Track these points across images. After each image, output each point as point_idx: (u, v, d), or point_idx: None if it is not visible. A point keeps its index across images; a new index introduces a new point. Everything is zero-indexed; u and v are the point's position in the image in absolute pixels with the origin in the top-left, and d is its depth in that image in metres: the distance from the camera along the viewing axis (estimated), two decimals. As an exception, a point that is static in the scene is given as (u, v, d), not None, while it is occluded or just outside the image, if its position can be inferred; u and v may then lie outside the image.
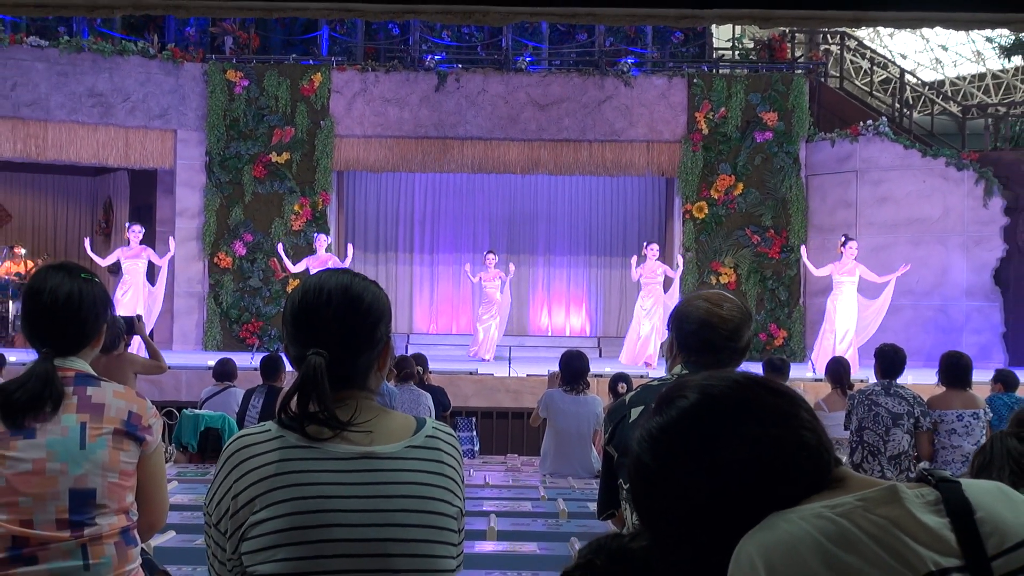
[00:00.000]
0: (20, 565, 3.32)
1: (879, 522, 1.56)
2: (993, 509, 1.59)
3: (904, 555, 1.53)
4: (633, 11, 8.42)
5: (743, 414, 1.69)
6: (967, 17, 8.33)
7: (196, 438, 10.76)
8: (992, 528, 1.56)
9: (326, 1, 8.13)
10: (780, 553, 1.56)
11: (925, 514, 1.57)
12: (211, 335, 20.91)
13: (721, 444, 1.67)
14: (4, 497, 3.34)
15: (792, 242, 21.28)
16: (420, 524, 2.51)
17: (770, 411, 1.69)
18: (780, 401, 1.72)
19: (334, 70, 21.46)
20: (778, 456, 1.65)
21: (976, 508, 1.58)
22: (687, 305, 3.81)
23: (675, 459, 1.72)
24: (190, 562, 4.51)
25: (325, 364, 2.54)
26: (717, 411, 1.70)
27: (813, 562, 1.53)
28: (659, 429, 1.75)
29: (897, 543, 1.54)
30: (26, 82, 20.02)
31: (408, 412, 2.70)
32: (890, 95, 26.43)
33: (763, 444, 1.66)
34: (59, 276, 3.56)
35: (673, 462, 1.72)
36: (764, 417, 1.68)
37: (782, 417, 1.69)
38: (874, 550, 1.53)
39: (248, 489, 2.50)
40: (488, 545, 5.45)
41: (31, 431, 3.37)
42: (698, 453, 1.68)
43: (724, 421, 1.69)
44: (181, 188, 21.12)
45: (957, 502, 1.58)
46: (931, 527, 1.56)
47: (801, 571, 1.54)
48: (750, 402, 1.71)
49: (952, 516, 1.57)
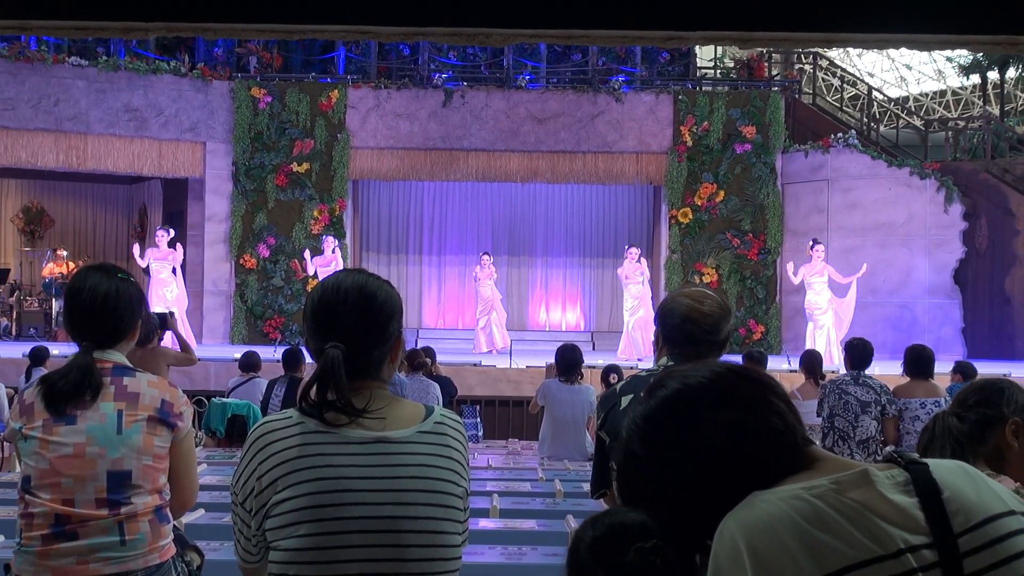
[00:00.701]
0: (62, 540, 3.32)
1: (851, 503, 1.56)
2: (958, 489, 1.59)
3: (875, 533, 1.53)
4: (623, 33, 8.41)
5: (716, 401, 1.70)
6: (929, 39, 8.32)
7: (223, 424, 10.75)
8: (958, 507, 1.56)
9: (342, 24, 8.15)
10: (759, 531, 1.56)
11: (895, 494, 1.58)
12: (237, 330, 20.92)
13: (696, 429, 1.69)
14: (48, 478, 3.35)
15: (769, 245, 21.35)
16: (429, 503, 2.51)
17: (741, 398, 1.71)
18: (751, 387, 1.73)
19: (350, 87, 21.48)
20: (747, 439, 1.66)
21: (943, 488, 1.58)
22: (671, 302, 3.81)
23: (656, 444, 1.73)
24: (218, 538, 4.50)
25: (342, 356, 2.55)
26: (693, 399, 1.72)
27: (790, 540, 1.53)
28: (642, 418, 1.77)
29: (868, 522, 1.54)
30: (68, 98, 20.02)
31: (418, 400, 2.71)
32: (858, 110, 26.39)
33: (733, 428, 1.67)
34: (98, 276, 3.57)
35: (655, 447, 1.74)
36: (735, 404, 1.70)
37: (752, 403, 1.70)
38: (847, 529, 1.53)
39: (271, 471, 2.51)
40: (491, 522, 5.45)
41: (72, 418, 3.37)
42: (676, 438, 1.70)
43: (699, 408, 1.71)
44: (210, 195, 21.13)
45: (925, 483, 1.59)
46: (901, 506, 1.56)
47: (779, 548, 1.54)
48: (723, 390, 1.72)
49: (921, 496, 1.57)
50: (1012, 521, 1.58)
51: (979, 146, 22.94)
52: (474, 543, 3.75)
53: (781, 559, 1.53)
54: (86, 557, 3.33)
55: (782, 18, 8.08)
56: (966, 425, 2.83)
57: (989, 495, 1.60)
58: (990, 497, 1.60)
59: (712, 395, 1.72)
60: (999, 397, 2.82)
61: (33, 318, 19.70)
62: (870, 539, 1.53)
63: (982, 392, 2.86)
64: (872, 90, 27.06)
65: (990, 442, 2.79)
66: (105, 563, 3.33)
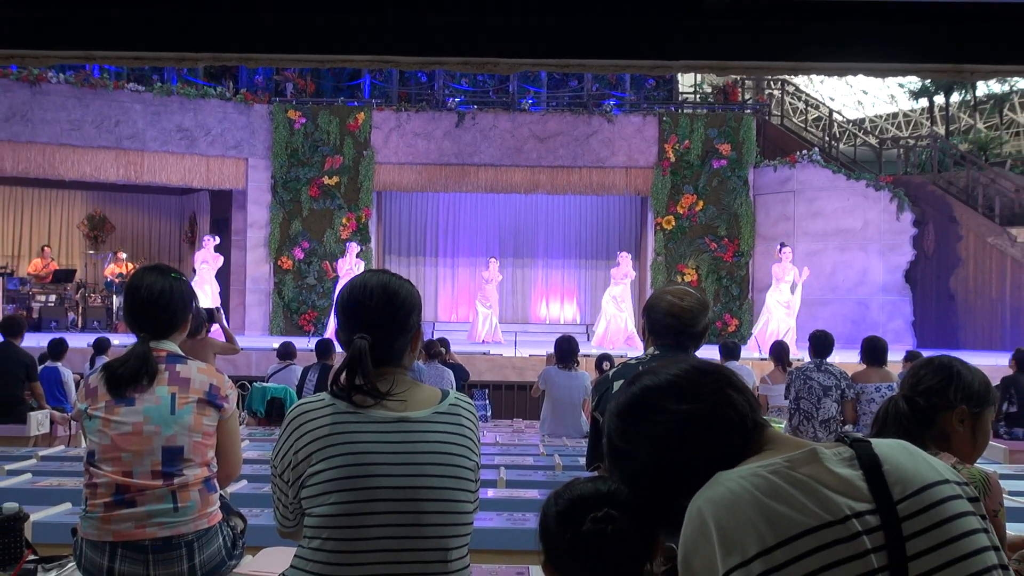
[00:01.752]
0: (122, 507, 3.33)
1: (802, 477, 1.58)
2: (897, 462, 1.61)
3: (824, 502, 1.55)
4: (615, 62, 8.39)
5: (676, 396, 1.75)
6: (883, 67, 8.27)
7: (264, 406, 10.76)
8: (897, 478, 1.58)
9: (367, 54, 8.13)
10: (723, 506, 1.58)
11: (841, 468, 1.60)
12: (275, 323, 20.95)
13: (657, 421, 1.74)
14: (109, 453, 3.36)
15: (742, 248, 21.40)
16: (444, 475, 2.51)
17: (698, 391, 1.75)
18: (709, 381, 1.77)
19: (374, 110, 21.50)
20: (701, 427, 1.71)
21: (883, 461, 1.60)
22: (656, 298, 3.81)
23: (627, 435, 1.80)
24: (259, 505, 4.50)
25: (368, 346, 2.56)
26: (657, 394, 1.77)
27: (752, 513, 1.55)
28: (615, 414, 1.85)
29: (818, 493, 1.56)
30: (126, 120, 20.05)
31: (434, 385, 2.70)
32: (821, 130, 26.36)
33: (689, 418, 1.72)
34: (153, 275, 3.58)
35: (627, 437, 1.80)
36: (692, 397, 1.74)
37: (708, 396, 1.74)
38: (799, 499, 1.55)
39: (306, 447, 2.51)
40: (498, 492, 5.44)
41: (131, 400, 3.38)
42: (642, 428, 1.77)
43: (661, 402, 1.76)
44: (251, 205, 21.14)
45: (867, 457, 1.61)
46: (846, 478, 1.58)
47: (741, 519, 1.56)
48: (683, 385, 1.77)
49: (864, 469, 1.60)
50: (945, 488, 1.59)
51: (927, 162, 22.95)
52: (483, 510, 3.75)
53: (744, 529, 1.55)
54: (143, 522, 3.34)
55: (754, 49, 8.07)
56: (916, 411, 2.83)
57: (925, 466, 1.62)
58: (925, 468, 1.62)
59: (673, 390, 1.76)
60: (948, 385, 2.81)
61: (96, 313, 19.70)
62: (820, 507, 1.55)
63: (935, 377, 2.85)
64: (832, 112, 27.04)
65: (937, 425, 2.79)
66: (160, 527, 3.34)
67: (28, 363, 9.78)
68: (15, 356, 9.71)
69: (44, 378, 10.15)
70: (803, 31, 8.52)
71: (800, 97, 28.91)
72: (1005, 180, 21.50)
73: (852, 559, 1.51)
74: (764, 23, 8.50)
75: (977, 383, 2.83)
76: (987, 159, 23.67)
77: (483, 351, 16.36)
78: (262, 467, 5.88)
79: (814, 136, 25.39)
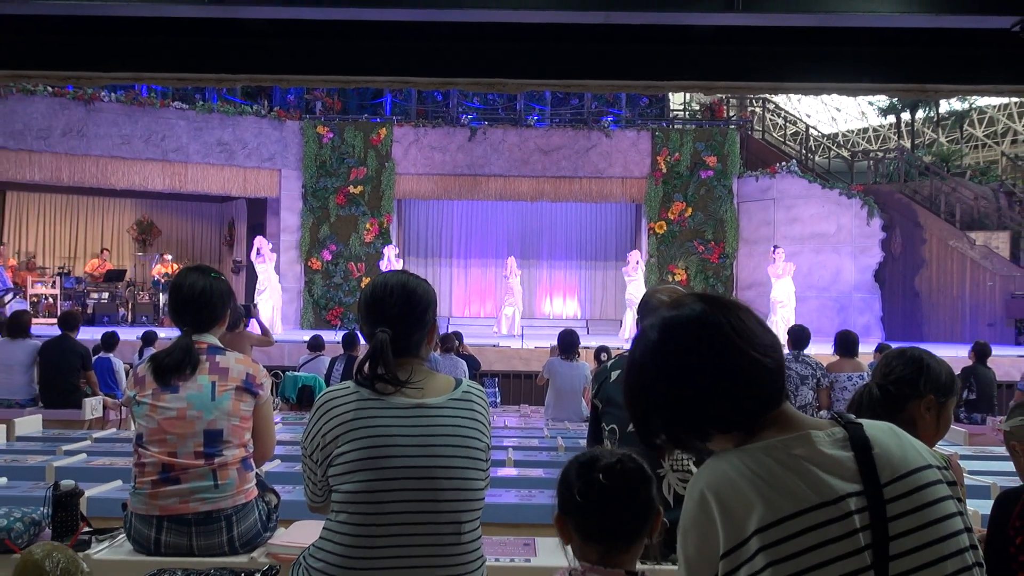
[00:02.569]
0: (168, 484, 3.34)
1: (794, 459, 1.55)
2: (886, 446, 1.58)
3: (817, 484, 1.52)
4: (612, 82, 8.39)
5: (744, 335, 1.62)
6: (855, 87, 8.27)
7: (295, 393, 10.76)
8: (885, 462, 1.56)
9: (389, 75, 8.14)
10: (724, 484, 1.55)
11: (834, 450, 1.56)
12: (306, 317, 20.97)
13: (711, 342, 1.60)
14: (156, 435, 3.37)
15: (727, 251, 21.37)
16: (458, 456, 2.52)
17: (753, 340, 1.62)
18: (769, 339, 1.65)
19: (395, 126, 21.50)
20: (739, 369, 1.60)
21: (874, 445, 1.57)
22: (649, 296, 3.81)
23: (675, 342, 1.65)
24: (291, 483, 4.50)
25: (389, 339, 2.57)
26: (706, 326, 1.64)
27: (748, 491, 1.53)
28: (659, 329, 1.68)
29: (811, 474, 1.53)
30: (172, 134, 20.08)
31: (449, 374, 2.70)
32: (798, 143, 26.33)
33: (730, 356, 1.60)
34: (195, 275, 3.59)
35: (658, 357, 1.66)
36: (747, 341, 1.62)
37: (764, 349, 1.62)
38: (794, 480, 1.53)
39: (333, 430, 2.52)
40: (507, 471, 5.44)
41: (175, 387, 3.40)
42: (682, 354, 1.63)
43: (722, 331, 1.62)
44: (284, 212, 21.15)
45: (860, 439, 1.58)
46: (838, 459, 1.55)
47: (740, 497, 1.53)
48: (753, 330, 1.64)
49: (855, 451, 1.56)
50: (929, 473, 1.57)
51: (894, 172, 22.93)
52: (494, 488, 3.76)
53: (744, 506, 1.53)
54: (187, 498, 3.35)
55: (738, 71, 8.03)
56: (888, 398, 2.82)
57: (912, 451, 1.60)
58: (912, 453, 1.59)
59: (743, 330, 1.63)
60: (919, 376, 2.80)
61: (144, 308, 19.73)
62: (812, 489, 1.52)
63: (906, 368, 2.83)
64: (809, 127, 27.03)
65: (906, 412, 2.77)
66: (202, 502, 3.36)
67: (83, 354, 9.81)
68: (72, 348, 9.74)
69: (97, 368, 10.17)
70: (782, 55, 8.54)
71: (780, 114, 28.88)
72: (965, 189, 21.55)
73: (843, 537, 1.49)
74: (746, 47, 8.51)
75: (944, 375, 2.83)
76: (949, 170, 23.63)
77: (493, 343, 16.35)
78: (294, 448, 5.89)
79: (792, 149, 25.38)
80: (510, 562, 3.34)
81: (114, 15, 7.12)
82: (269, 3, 6.84)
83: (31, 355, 9.68)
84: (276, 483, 4.05)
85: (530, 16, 6.76)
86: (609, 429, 3.62)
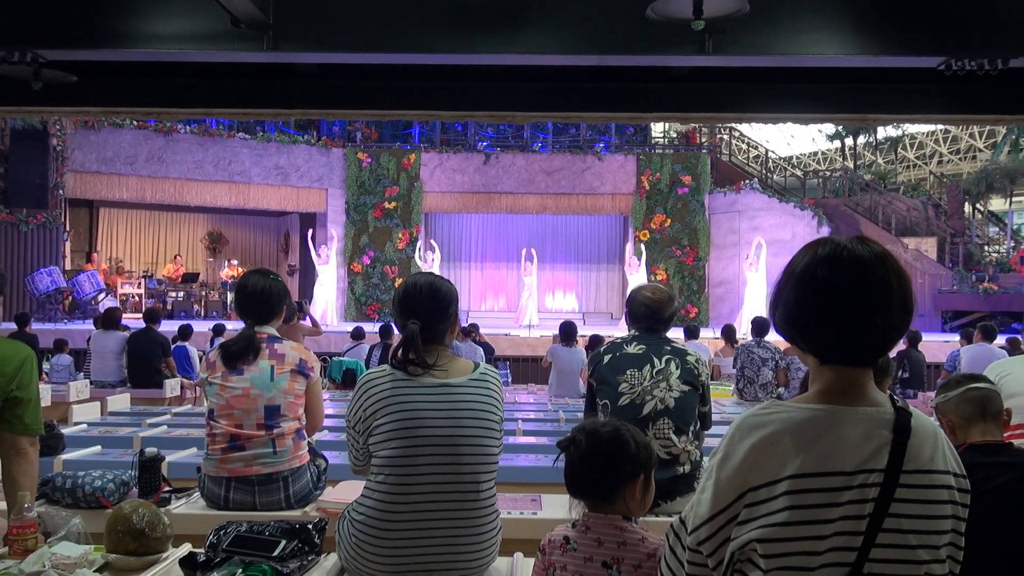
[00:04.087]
0: (235, 451, 3.37)
1: (839, 428, 1.51)
2: (921, 441, 1.53)
3: (849, 453, 1.49)
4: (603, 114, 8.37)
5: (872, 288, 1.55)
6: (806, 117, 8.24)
7: (340, 375, 10.79)
8: (916, 454, 1.51)
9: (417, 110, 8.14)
10: (774, 433, 1.52)
11: (876, 428, 1.52)
12: (349, 312, 20.99)
13: (831, 282, 1.56)
14: (225, 411, 3.40)
15: (700, 255, 21.35)
16: (476, 426, 2.52)
17: (872, 302, 1.53)
18: (895, 301, 1.54)
19: (422, 152, 21.50)
20: (852, 314, 1.54)
21: (913, 436, 1.52)
22: (635, 293, 3.83)
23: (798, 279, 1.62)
24: (337, 450, 4.52)
25: (419, 329, 2.57)
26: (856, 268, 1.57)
27: (791, 443, 1.50)
28: (820, 260, 1.62)
29: (847, 444, 1.50)
30: (236, 160, 20.14)
31: (468, 359, 2.71)
32: (759, 164, 26.26)
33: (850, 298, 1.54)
34: (257, 276, 3.61)
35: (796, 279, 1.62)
36: (877, 292, 1.54)
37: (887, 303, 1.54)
38: (832, 445, 1.49)
39: (372, 405, 2.52)
40: (517, 439, 5.45)
41: (241, 370, 3.42)
42: (827, 278, 1.57)
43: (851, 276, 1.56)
44: (330, 224, 21.17)
45: (903, 426, 1.52)
46: (876, 437, 1.51)
47: (783, 447, 1.50)
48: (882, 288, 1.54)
49: (895, 433, 1.50)
50: (945, 478, 1.53)
51: (840, 188, 22.91)
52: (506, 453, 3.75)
53: (784, 453, 1.50)
54: (250, 462, 3.37)
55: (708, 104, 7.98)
56: None
57: (940, 455, 1.55)
58: (940, 457, 1.54)
59: (875, 287, 1.54)
60: None
61: (214, 305, 19.77)
62: (845, 457, 1.49)
63: None
64: (768, 151, 26.93)
65: None
66: (263, 466, 3.37)
67: (164, 343, 9.85)
68: (154, 338, 9.79)
69: (176, 354, 10.21)
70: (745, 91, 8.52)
71: (743, 140, 28.79)
72: (899, 202, 21.53)
73: (854, 502, 1.47)
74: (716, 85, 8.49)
75: (884, 359, 2.81)
76: (885, 186, 23.69)
77: (505, 333, 16.37)
78: (339, 421, 5.90)
79: (754, 169, 25.32)
80: (520, 515, 3.34)
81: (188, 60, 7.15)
82: (317, 50, 6.85)
83: (121, 344, 9.73)
84: (324, 450, 4.06)
85: (535, 59, 6.77)
86: (602, 404, 3.63)
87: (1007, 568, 2.36)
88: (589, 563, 1.91)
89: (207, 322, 15.89)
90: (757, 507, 1.50)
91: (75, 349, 11.42)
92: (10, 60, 6.68)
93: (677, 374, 3.56)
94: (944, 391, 2.65)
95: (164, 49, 6.85)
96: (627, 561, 1.88)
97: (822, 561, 1.47)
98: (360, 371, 10.42)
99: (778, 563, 1.48)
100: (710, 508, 1.56)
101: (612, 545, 1.91)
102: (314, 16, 6.83)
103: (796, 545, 1.47)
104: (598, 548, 1.91)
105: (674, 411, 3.50)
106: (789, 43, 6.67)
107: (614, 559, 1.89)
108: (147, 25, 6.71)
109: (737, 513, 1.53)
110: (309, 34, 6.73)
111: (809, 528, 1.47)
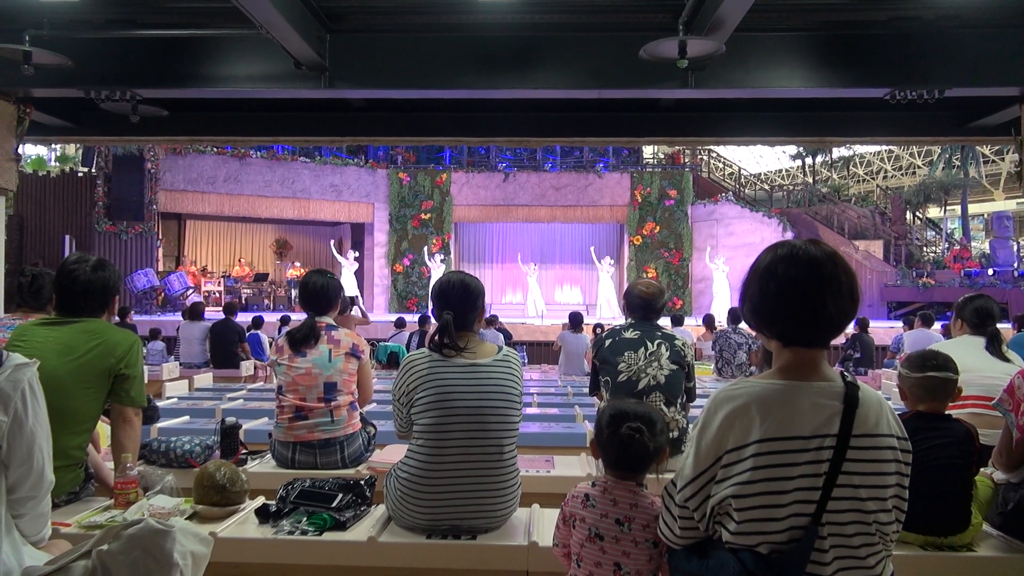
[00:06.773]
0: (299, 420, 3.37)
1: (799, 399, 1.51)
2: (867, 410, 1.53)
3: (807, 420, 1.50)
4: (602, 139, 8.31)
5: (828, 284, 1.52)
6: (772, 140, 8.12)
7: (385, 357, 10.79)
8: (862, 420, 1.51)
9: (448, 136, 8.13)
10: (743, 403, 1.52)
11: (829, 400, 1.52)
12: (392, 305, 21.00)
13: (787, 278, 1.54)
14: (291, 387, 3.39)
15: (684, 257, 21.19)
16: (500, 399, 2.50)
17: (823, 293, 1.52)
18: (847, 291, 1.53)
19: (452, 172, 21.45)
20: (803, 301, 1.52)
21: (860, 405, 1.52)
22: (632, 287, 3.80)
23: (762, 275, 1.58)
24: (384, 419, 4.52)
25: (452, 319, 2.56)
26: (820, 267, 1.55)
27: (757, 412, 1.50)
28: (781, 259, 1.58)
29: (805, 412, 1.50)
30: (298, 180, 20.17)
31: (492, 343, 2.69)
32: (734, 180, 26.07)
33: (803, 294, 1.52)
34: (316, 276, 3.60)
35: (760, 275, 1.59)
36: (831, 286, 1.52)
37: (834, 294, 1.52)
38: (792, 413, 1.50)
39: (413, 381, 2.52)
40: (533, 410, 5.43)
41: (304, 353, 3.41)
42: (778, 273, 1.55)
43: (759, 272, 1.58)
44: (376, 232, 21.19)
45: (852, 398, 1.52)
46: (829, 407, 1.51)
47: (750, 415, 1.51)
48: (826, 273, 1.53)
49: (845, 404, 1.51)
50: (889, 441, 1.53)
51: (801, 199, 22.75)
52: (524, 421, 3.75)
53: (752, 421, 1.50)
54: (312, 430, 3.37)
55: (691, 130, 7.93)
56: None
57: (884, 421, 1.55)
58: (884, 423, 1.54)
59: (829, 282, 1.52)
60: None
61: (281, 300, 19.84)
62: (803, 424, 1.49)
63: None
64: (740, 168, 26.73)
65: None
66: (323, 433, 3.37)
67: (240, 331, 9.90)
68: (232, 327, 9.84)
69: (250, 341, 10.26)
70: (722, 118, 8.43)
71: (720, 159, 28.58)
72: (851, 211, 21.36)
73: (811, 463, 1.47)
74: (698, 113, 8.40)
75: None
76: (839, 197, 23.48)
77: (521, 321, 16.34)
78: (385, 395, 5.90)
79: (729, 184, 25.12)
80: (536, 473, 3.33)
81: (259, 97, 7.19)
82: (365, 87, 6.88)
83: (204, 332, 9.79)
84: (374, 419, 4.06)
85: (545, 93, 6.77)
86: (604, 380, 3.62)
87: (939, 510, 2.42)
88: (604, 519, 1.90)
89: (275, 314, 15.97)
90: (730, 468, 1.51)
91: (167, 337, 11.49)
92: (113, 98, 6.74)
93: (667, 355, 3.55)
94: (908, 366, 2.60)
95: (239, 88, 6.90)
96: (637, 521, 1.88)
97: (787, 512, 1.47)
98: (402, 354, 10.43)
99: (748, 515, 1.49)
100: (693, 470, 1.57)
101: (625, 506, 1.90)
102: (363, 60, 6.88)
103: (762, 499, 1.48)
104: (613, 507, 1.90)
105: (665, 386, 3.49)
106: (759, 78, 6.64)
107: (626, 518, 1.88)
108: (225, 68, 6.75)
109: (715, 474, 1.53)
110: (359, 75, 6.77)
111: (773, 484, 1.47)
